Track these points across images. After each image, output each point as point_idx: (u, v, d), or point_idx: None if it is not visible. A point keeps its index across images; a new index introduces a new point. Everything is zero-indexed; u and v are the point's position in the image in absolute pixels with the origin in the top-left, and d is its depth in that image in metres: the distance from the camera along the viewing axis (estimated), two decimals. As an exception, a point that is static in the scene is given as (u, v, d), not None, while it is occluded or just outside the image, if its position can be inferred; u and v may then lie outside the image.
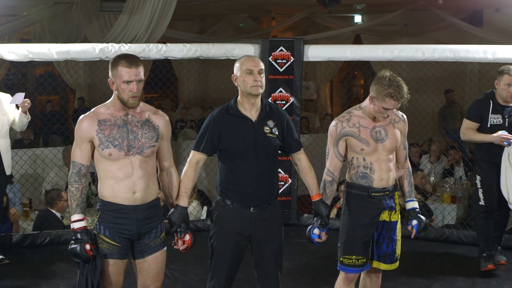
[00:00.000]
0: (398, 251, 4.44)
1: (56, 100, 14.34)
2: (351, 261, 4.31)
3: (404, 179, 4.46)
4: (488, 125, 5.80)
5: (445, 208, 7.86)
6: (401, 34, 14.16)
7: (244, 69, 4.02)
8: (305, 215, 7.53)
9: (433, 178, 8.70)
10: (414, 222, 4.39)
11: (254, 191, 4.07)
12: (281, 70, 7.19)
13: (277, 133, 4.10)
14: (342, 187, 7.16)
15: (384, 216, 4.33)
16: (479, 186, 5.93)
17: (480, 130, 5.84)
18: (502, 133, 5.72)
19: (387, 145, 4.26)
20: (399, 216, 4.43)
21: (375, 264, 4.43)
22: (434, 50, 6.93)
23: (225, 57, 7.19)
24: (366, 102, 4.27)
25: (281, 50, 7.20)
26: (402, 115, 4.40)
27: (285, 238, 4.14)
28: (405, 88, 4.12)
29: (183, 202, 4.03)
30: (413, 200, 4.47)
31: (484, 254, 5.93)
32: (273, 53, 7.22)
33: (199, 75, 15.59)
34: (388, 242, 4.37)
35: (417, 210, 4.44)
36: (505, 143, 5.66)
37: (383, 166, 4.26)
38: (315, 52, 7.25)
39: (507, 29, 12.61)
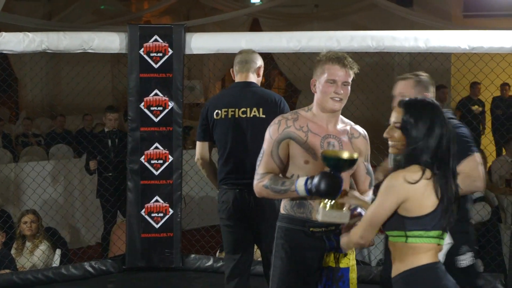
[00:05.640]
0: None
1: None
2: None
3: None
4: None
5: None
6: (310, 17, 14.50)
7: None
8: (192, 255, 7.50)
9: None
10: None
11: None
12: (156, 66, 7.17)
13: None
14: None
15: (329, 260, 4.15)
16: None
17: None
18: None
19: None
20: (353, 262, 4.24)
21: None
22: (352, 38, 7.07)
23: (82, 50, 7.11)
24: (314, 102, 4.21)
25: (156, 40, 7.19)
26: (363, 131, 4.30)
27: (168, 286, 4.16)
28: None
29: None
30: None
31: None
32: (145, 44, 7.19)
33: (47, 75, 15.37)
34: None
35: None
36: None
37: None
38: (201, 43, 7.29)
39: (442, 9, 13.10)
